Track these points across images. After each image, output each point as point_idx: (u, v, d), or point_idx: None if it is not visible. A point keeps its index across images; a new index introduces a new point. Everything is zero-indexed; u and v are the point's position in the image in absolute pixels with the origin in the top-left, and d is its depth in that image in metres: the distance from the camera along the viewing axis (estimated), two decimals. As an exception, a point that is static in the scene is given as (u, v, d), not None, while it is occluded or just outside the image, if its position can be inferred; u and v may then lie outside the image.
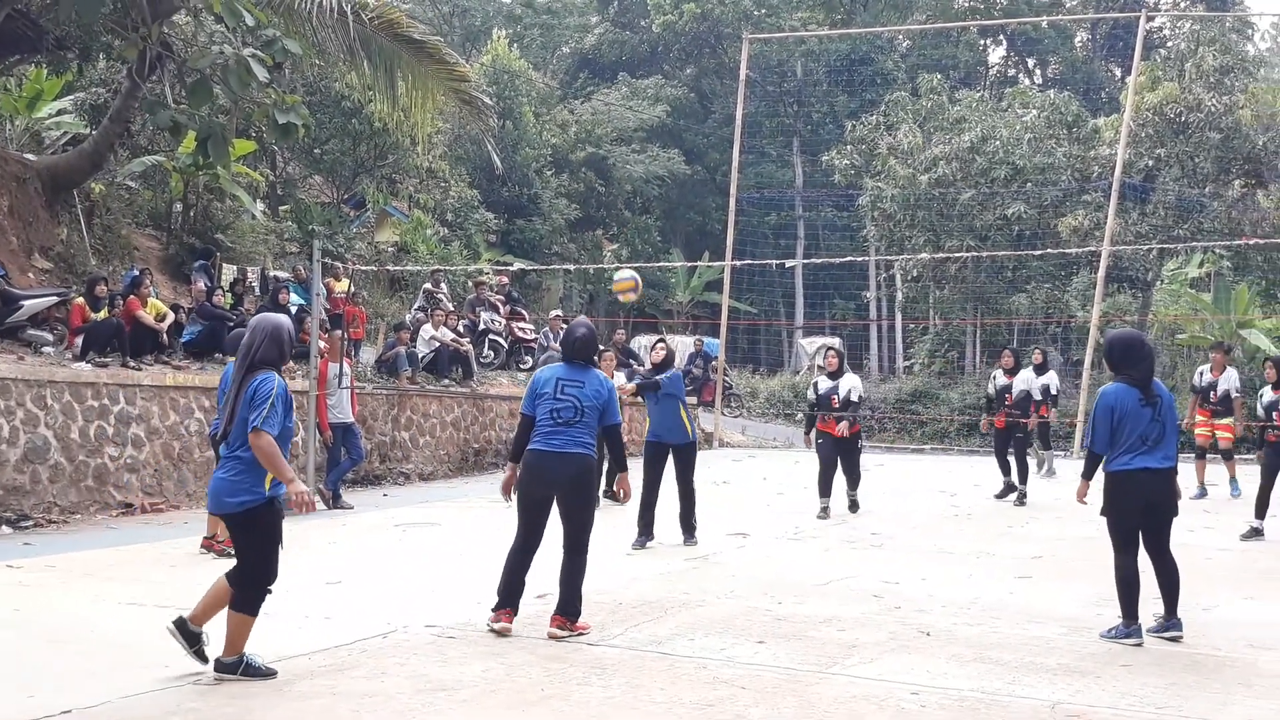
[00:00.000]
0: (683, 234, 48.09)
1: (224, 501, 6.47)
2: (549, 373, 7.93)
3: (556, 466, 7.63)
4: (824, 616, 8.37)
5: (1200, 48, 31.13)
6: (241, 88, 12.79)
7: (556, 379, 7.81)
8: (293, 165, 28.20)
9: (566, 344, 8.05)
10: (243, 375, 6.48)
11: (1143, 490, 7.73)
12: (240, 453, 6.42)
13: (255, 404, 6.35)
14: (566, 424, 7.66)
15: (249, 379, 6.45)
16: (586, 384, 7.78)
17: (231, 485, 6.43)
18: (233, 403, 6.46)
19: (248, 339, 6.55)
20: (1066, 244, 29.56)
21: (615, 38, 49.87)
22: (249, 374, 6.47)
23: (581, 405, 7.69)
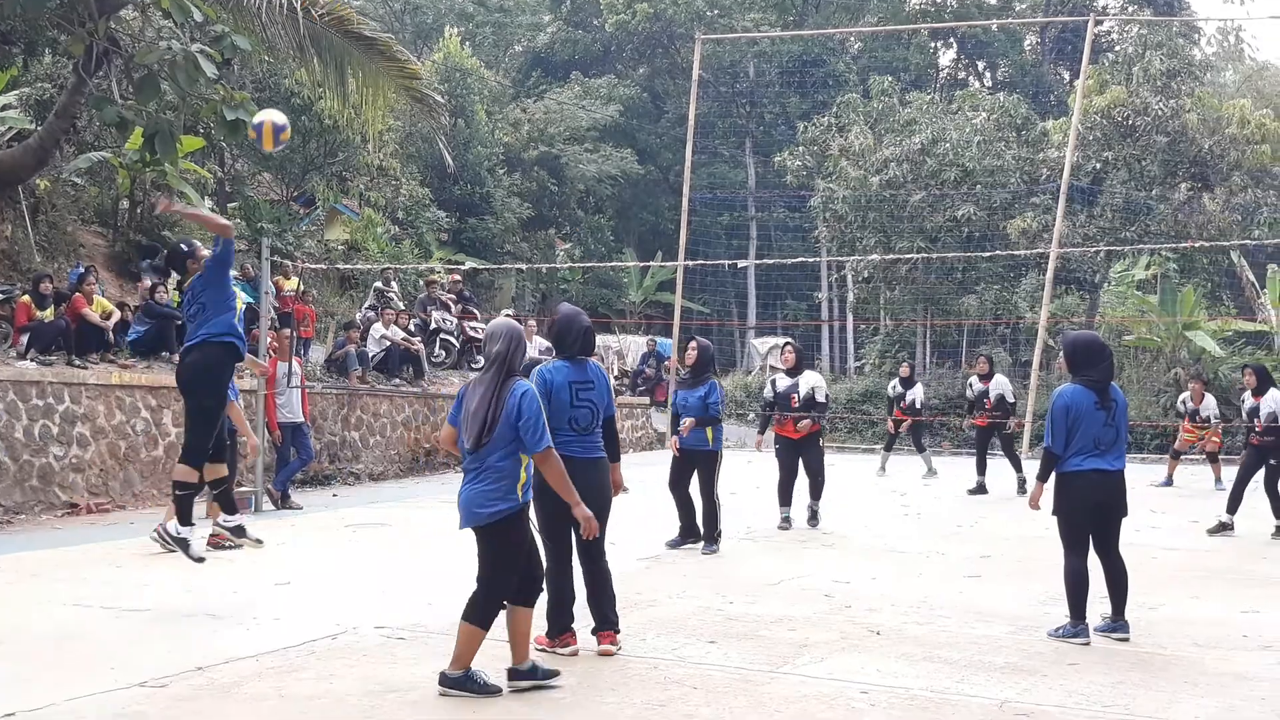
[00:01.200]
0: (636, 234, 48.09)
1: (475, 513, 6.29)
2: (559, 378, 7.35)
3: (584, 475, 7.11)
4: (775, 616, 8.38)
5: (1147, 52, 31.48)
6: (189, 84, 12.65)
7: (570, 384, 7.34)
8: (241, 162, 27.90)
9: (568, 339, 7.55)
10: (500, 383, 6.26)
11: (1093, 491, 7.80)
12: (497, 462, 6.23)
13: (527, 421, 6.21)
14: (585, 430, 7.37)
15: (508, 387, 6.25)
16: (596, 384, 7.45)
17: (484, 495, 6.26)
18: (489, 411, 6.20)
19: (501, 347, 6.32)
20: (1015, 246, 29.81)
21: (568, 36, 49.77)
22: (507, 381, 6.28)
23: (596, 408, 7.42)
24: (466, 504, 6.32)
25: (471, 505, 6.29)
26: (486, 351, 6.48)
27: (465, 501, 6.32)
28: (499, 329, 6.47)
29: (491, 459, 6.23)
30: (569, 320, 7.62)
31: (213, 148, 23.91)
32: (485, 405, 6.23)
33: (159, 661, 6.85)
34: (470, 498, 6.29)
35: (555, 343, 7.69)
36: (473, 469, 6.31)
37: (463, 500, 6.34)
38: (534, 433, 6.21)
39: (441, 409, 20.19)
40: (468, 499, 6.31)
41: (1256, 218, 29.72)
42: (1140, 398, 27.90)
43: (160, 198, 9.46)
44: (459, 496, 6.37)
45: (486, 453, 6.23)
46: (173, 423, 15.32)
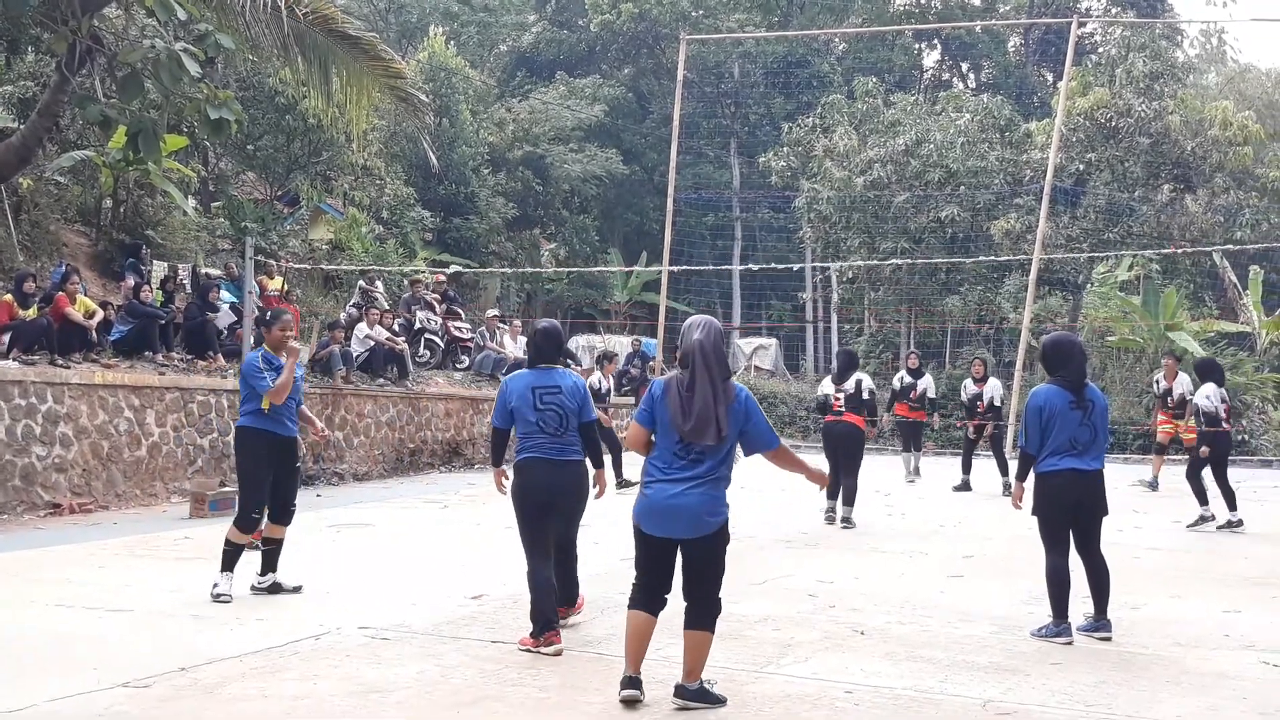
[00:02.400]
0: (620, 234, 48.06)
1: (707, 520, 6.07)
2: (520, 383, 7.64)
3: (556, 475, 7.52)
4: (759, 616, 8.39)
5: (1130, 54, 31.64)
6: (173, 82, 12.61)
7: (531, 388, 7.58)
8: (225, 161, 27.83)
9: (534, 346, 7.92)
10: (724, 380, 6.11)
11: (1071, 490, 7.82)
12: (721, 464, 6.11)
13: (755, 418, 6.19)
14: (555, 433, 7.53)
15: (729, 389, 6.11)
16: (563, 388, 7.62)
17: (715, 501, 6.10)
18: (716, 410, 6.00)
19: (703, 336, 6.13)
20: (999, 247, 29.93)
21: (553, 36, 49.74)
22: (728, 381, 6.15)
23: (565, 411, 7.57)
24: (693, 511, 6.04)
25: (702, 513, 6.05)
26: (688, 342, 6.16)
27: (690, 509, 6.04)
28: (698, 320, 6.28)
29: (713, 461, 6.08)
30: (536, 332, 8.02)
31: (196, 146, 23.84)
32: (712, 402, 6.02)
33: (142, 662, 6.84)
34: (698, 504, 6.04)
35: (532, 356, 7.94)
36: (690, 473, 6.05)
37: (683, 507, 6.04)
38: (767, 427, 6.27)
39: (426, 409, 20.15)
40: (695, 506, 6.04)
41: (1238, 219, 29.90)
42: (1123, 398, 28.03)
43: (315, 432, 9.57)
44: (667, 503, 6.05)
45: (714, 455, 6.07)
46: (155, 422, 15.28)
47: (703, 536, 6.07)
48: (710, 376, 6.04)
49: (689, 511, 6.02)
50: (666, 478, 6.08)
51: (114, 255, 20.50)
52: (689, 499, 6.02)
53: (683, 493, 6.03)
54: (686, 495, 6.02)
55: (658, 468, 6.12)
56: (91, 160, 20.20)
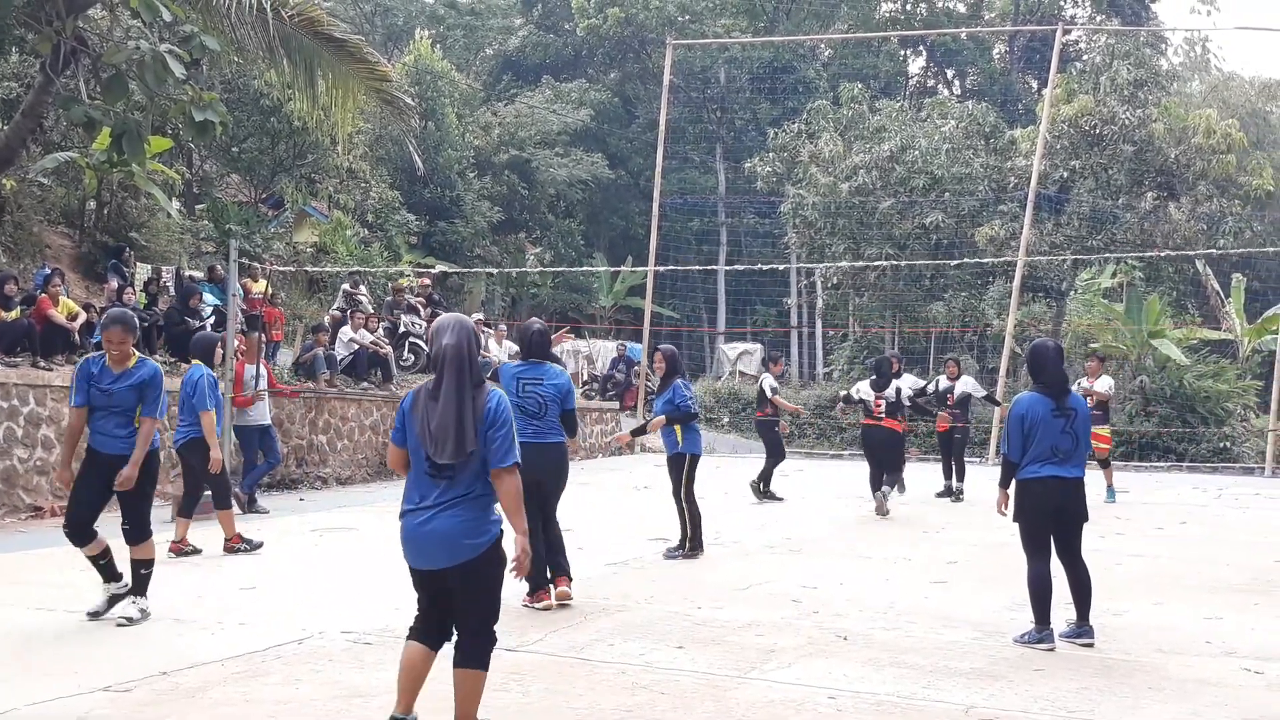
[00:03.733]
0: (606, 238, 48.11)
1: (465, 544, 5.32)
2: (508, 371, 8.91)
3: (537, 456, 8.41)
4: (743, 621, 8.40)
5: (1115, 62, 31.76)
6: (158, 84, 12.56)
7: (516, 377, 8.79)
8: (210, 163, 27.78)
9: (524, 343, 9.04)
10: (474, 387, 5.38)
11: (1052, 497, 7.85)
12: (476, 480, 5.37)
13: (500, 430, 5.38)
14: (534, 416, 8.68)
15: (479, 397, 5.39)
16: (545, 379, 8.79)
17: (473, 523, 5.36)
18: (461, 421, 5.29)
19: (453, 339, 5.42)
20: (983, 253, 30.00)
21: (539, 40, 49.79)
22: (479, 390, 5.41)
23: (544, 400, 8.73)
24: (448, 537, 5.31)
25: (459, 538, 5.32)
26: (437, 348, 5.49)
27: (445, 534, 5.32)
28: (447, 322, 5.59)
29: (469, 478, 5.36)
30: (525, 329, 9.14)
31: (181, 148, 23.79)
32: (456, 413, 5.32)
33: (123, 666, 6.81)
34: (454, 528, 5.32)
35: (521, 351, 9.12)
36: (443, 495, 5.35)
37: (437, 533, 5.32)
38: (510, 442, 5.43)
39: (410, 413, 20.11)
40: (450, 530, 5.32)
41: (1221, 227, 30.02)
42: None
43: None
44: (421, 530, 5.34)
45: (468, 471, 5.35)
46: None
47: (463, 563, 5.33)
48: (457, 384, 5.34)
49: (444, 537, 5.31)
50: (419, 502, 5.38)
51: (97, 257, 20.43)
52: (442, 523, 5.31)
53: (434, 517, 5.33)
54: (439, 519, 5.32)
55: (411, 490, 5.44)
56: (75, 162, 20.14)
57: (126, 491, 8.14)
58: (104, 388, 8.04)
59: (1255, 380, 30.23)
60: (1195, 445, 27.22)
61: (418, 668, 5.50)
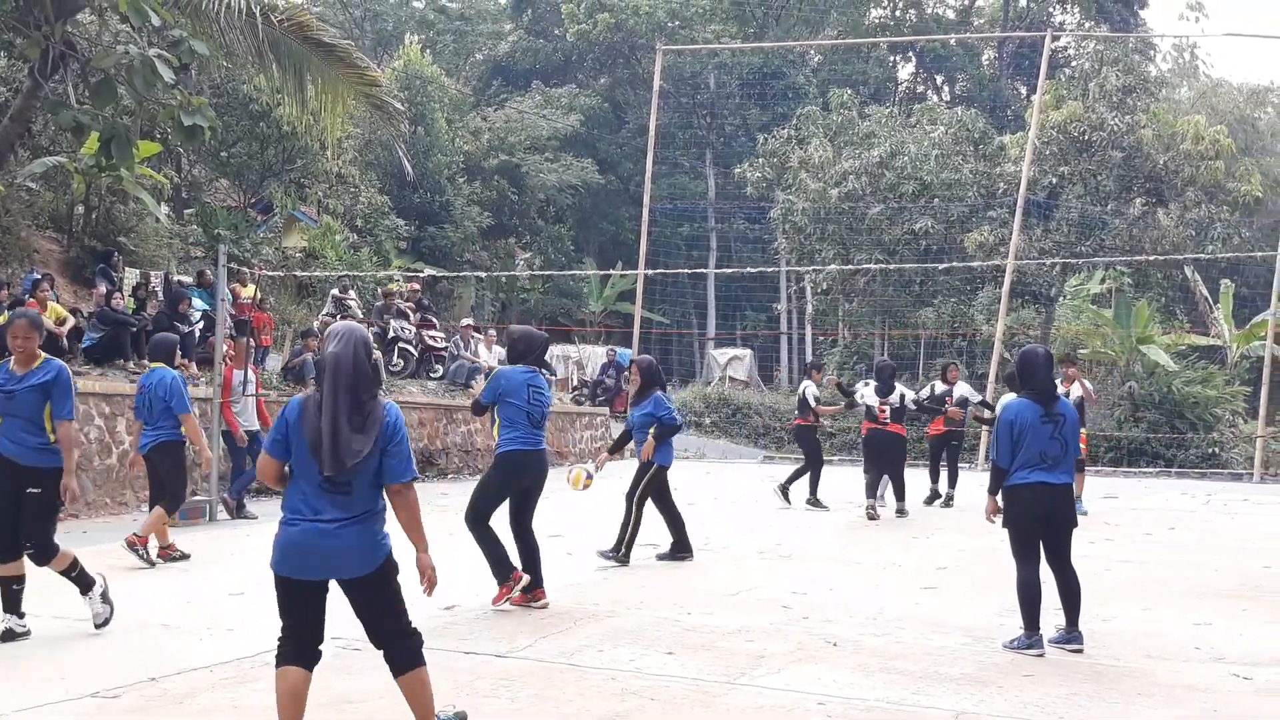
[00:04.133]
0: (596, 243, 48.11)
1: (370, 556, 5.22)
2: (519, 377, 8.95)
3: (538, 463, 9.01)
4: (733, 627, 8.40)
5: (1103, 68, 31.83)
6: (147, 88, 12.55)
7: (527, 384, 8.91)
8: (198, 168, 27.72)
9: (526, 349, 9.13)
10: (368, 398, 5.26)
11: (1040, 502, 7.85)
12: (370, 490, 5.25)
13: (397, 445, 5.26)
14: (538, 425, 8.98)
15: (371, 408, 5.24)
16: (544, 390, 9.07)
17: (373, 533, 5.25)
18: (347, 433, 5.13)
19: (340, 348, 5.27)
20: (972, 259, 30.06)
21: (529, 46, 49.78)
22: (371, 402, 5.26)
23: (545, 410, 9.06)
24: (346, 551, 5.16)
25: (358, 551, 5.18)
26: (322, 356, 5.39)
27: (342, 549, 5.15)
28: (337, 330, 5.40)
29: (364, 490, 5.21)
30: (528, 336, 9.30)
31: (169, 153, 23.73)
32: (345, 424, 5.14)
33: (111, 672, 6.79)
34: (352, 543, 5.16)
35: (519, 354, 9.14)
36: (339, 510, 5.16)
37: (334, 548, 5.14)
38: (406, 457, 5.31)
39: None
40: (348, 545, 5.16)
41: (1210, 233, 30.09)
42: (1095, 411, 28.14)
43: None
44: (314, 543, 5.14)
45: (363, 483, 5.20)
46: (126, 430, 15.16)
47: (363, 577, 5.23)
48: (342, 394, 5.16)
49: (342, 552, 5.15)
50: (310, 515, 5.17)
51: (86, 262, 20.38)
52: (339, 539, 5.14)
53: (332, 531, 5.14)
54: (337, 534, 5.14)
55: (299, 502, 5.21)
56: (63, 166, 20.07)
57: (34, 503, 7.67)
58: (6, 390, 7.58)
59: (1243, 386, 30.32)
60: (1184, 451, 27.28)
61: (299, 692, 5.32)
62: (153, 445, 10.73)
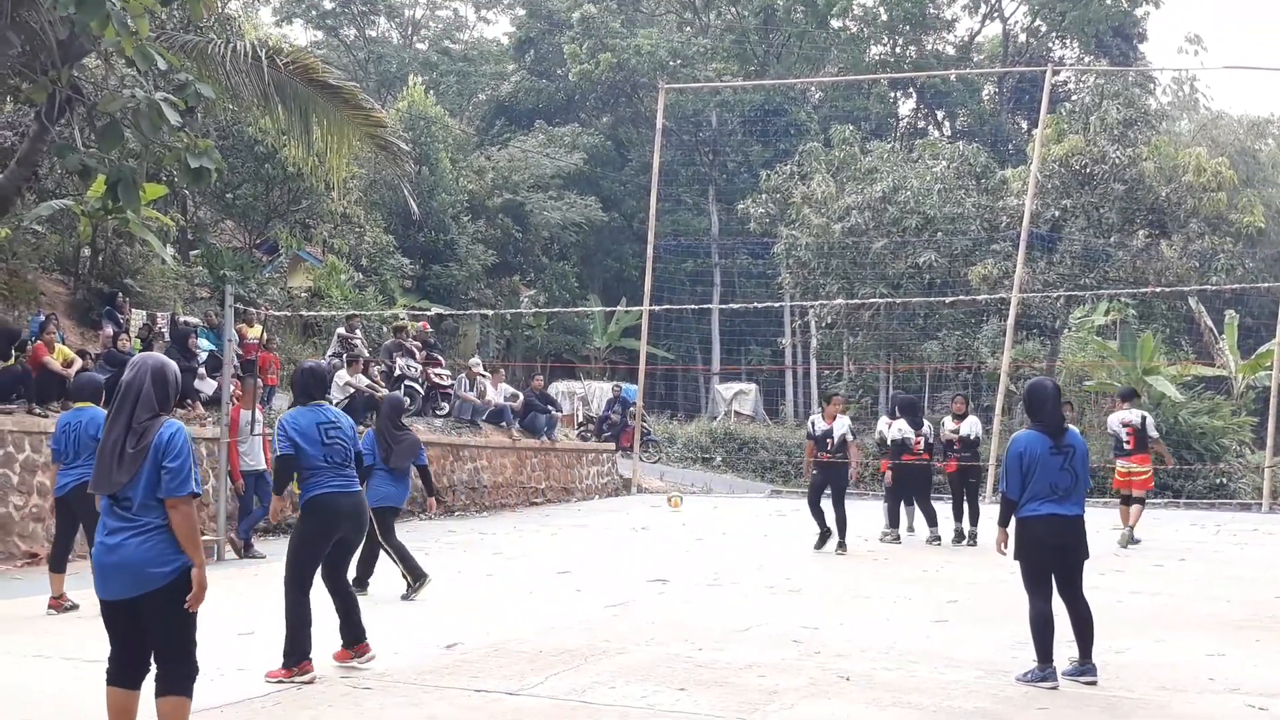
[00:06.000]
0: (600, 280, 48.22)
1: (153, 573, 5.41)
2: (306, 419, 7.92)
3: (353, 508, 8.02)
4: (744, 663, 8.36)
5: (1104, 101, 31.99)
6: (153, 131, 12.60)
7: (316, 424, 7.89)
8: (204, 210, 27.82)
9: (316, 385, 8.18)
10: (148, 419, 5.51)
11: (1050, 535, 7.84)
12: (158, 518, 5.46)
13: (174, 460, 5.47)
14: (342, 465, 7.91)
15: (148, 427, 5.50)
16: (340, 423, 8.01)
17: (162, 549, 5.44)
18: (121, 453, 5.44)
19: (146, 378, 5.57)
20: (976, 292, 30.09)
21: (532, 86, 50.06)
22: (152, 421, 5.53)
23: (348, 447, 7.98)
24: (134, 566, 5.40)
25: (145, 566, 5.40)
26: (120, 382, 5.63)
27: (130, 563, 5.41)
28: (136, 360, 5.72)
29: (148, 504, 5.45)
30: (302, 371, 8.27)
31: (175, 195, 23.84)
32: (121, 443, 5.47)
33: (121, 714, 6.74)
34: (139, 557, 5.40)
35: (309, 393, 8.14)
36: (127, 523, 5.45)
37: (123, 562, 5.42)
38: (183, 474, 5.48)
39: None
40: (136, 559, 5.40)
41: (1213, 264, 30.14)
42: (1101, 442, 28.02)
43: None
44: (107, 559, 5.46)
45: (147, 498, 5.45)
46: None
47: (152, 591, 5.41)
48: (122, 417, 5.51)
49: (129, 566, 5.40)
50: (104, 534, 5.50)
51: (92, 304, 20.43)
52: (127, 552, 5.40)
53: (119, 545, 5.42)
54: (124, 548, 5.41)
55: (101, 523, 5.55)
56: (70, 209, 20.15)
57: None
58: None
59: (1250, 416, 30.26)
60: (1192, 482, 27.20)
61: (125, 708, 5.56)
62: (73, 486, 10.00)
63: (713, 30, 49.65)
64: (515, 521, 19.31)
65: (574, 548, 15.69)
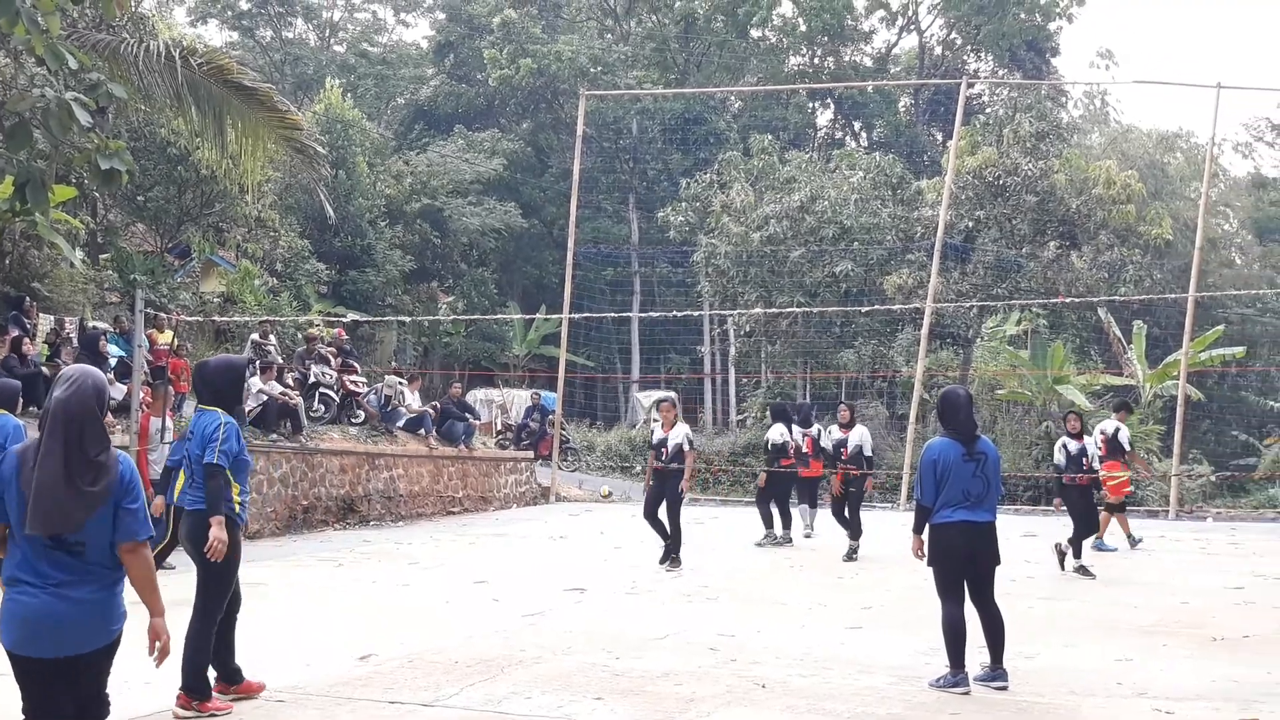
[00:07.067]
0: (519, 287, 48.09)
1: (107, 628, 4.70)
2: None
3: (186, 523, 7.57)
4: (661, 671, 8.35)
5: (1017, 114, 32.51)
6: (63, 132, 12.32)
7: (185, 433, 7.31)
8: (114, 212, 27.31)
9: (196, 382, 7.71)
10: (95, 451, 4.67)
11: (962, 541, 7.93)
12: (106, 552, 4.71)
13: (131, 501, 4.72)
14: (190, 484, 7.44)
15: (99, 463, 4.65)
16: (196, 434, 7.41)
17: (110, 605, 4.73)
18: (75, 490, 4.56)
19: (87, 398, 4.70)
20: (891, 301, 30.40)
21: (451, 90, 49.81)
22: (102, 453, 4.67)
23: (190, 461, 7.43)
24: (77, 622, 4.61)
25: (91, 621, 4.65)
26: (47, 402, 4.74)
27: (73, 619, 4.60)
28: (68, 373, 4.81)
29: (97, 550, 4.67)
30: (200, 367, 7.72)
31: (85, 198, 23.37)
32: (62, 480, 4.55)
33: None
34: (84, 612, 4.62)
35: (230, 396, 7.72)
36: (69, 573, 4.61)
37: (63, 617, 4.58)
38: (142, 514, 4.77)
39: (320, 465, 19.83)
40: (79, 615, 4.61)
41: (1122, 275, 30.75)
42: (1013, 450, 28.55)
43: None
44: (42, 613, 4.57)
45: (96, 542, 4.66)
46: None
47: (94, 651, 4.67)
48: (65, 445, 4.58)
49: (80, 622, 4.62)
50: (37, 580, 4.60)
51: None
52: (77, 604, 4.61)
53: (60, 598, 4.60)
54: (72, 600, 4.61)
55: (23, 567, 4.62)
56: (-25, 211, 19.68)
57: None
58: None
59: (1157, 425, 30.88)
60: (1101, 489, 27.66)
61: None
62: None
63: (633, 38, 49.78)
64: (432, 531, 19.16)
65: (491, 557, 15.60)
